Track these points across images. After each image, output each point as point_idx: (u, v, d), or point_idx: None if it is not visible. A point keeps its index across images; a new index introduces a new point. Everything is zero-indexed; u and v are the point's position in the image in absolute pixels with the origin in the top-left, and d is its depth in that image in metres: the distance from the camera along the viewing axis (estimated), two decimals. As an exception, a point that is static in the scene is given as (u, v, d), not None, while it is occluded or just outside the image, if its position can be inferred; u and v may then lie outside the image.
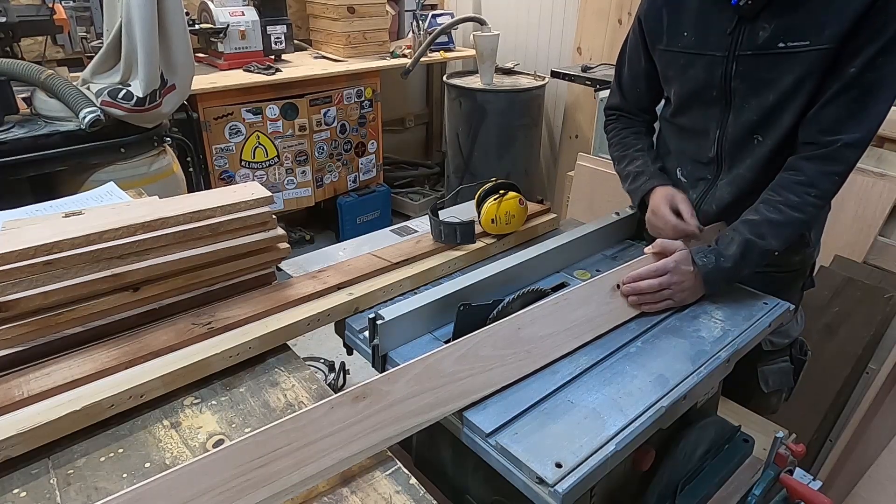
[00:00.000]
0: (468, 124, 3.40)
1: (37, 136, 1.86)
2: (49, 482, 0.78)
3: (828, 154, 1.10)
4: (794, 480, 1.09)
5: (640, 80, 1.41)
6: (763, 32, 1.11)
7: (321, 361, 2.55)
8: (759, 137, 1.20)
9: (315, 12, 3.55)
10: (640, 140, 1.46)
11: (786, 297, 1.23)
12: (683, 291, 1.13)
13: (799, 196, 1.12)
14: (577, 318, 1.06)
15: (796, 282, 1.41)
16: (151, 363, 0.93)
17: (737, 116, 1.21)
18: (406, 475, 0.80)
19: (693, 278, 1.13)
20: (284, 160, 3.15)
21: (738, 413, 1.40)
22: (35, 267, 0.89)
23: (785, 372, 1.48)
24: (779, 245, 1.13)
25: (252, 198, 1.09)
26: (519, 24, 3.79)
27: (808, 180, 1.12)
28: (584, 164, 2.75)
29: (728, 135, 1.24)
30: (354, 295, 1.13)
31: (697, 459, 1.12)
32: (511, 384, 0.92)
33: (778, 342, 1.44)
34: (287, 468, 0.76)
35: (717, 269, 1.13)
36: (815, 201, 1.12)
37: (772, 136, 1.18)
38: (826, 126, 1.10)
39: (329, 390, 0.95)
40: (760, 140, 1.20)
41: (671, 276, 1.12)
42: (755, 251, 1.12)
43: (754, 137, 1.21)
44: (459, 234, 1.31)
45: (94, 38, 2.55)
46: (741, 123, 1.21)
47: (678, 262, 1.13)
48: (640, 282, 1.12)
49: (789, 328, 1.44)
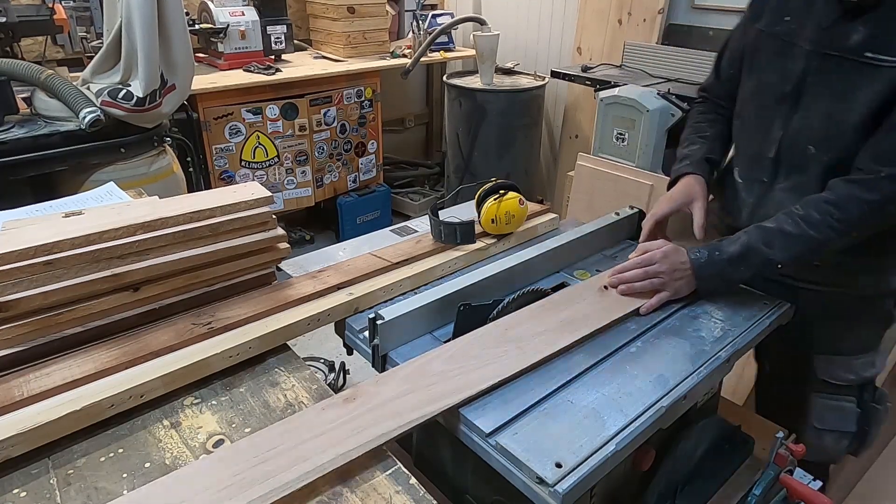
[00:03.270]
0: (468, 124, 3.40)
1: (37, 136, 1.85)
2: (49, 482, 0.78)
3: (867, 181, 1.06)
4: (794, 480, 1.09)
5: (737, 62, 1.31)
6: (856, 36, 1.06)
7: (321, 361, 2.55)
8: (813, 149, 1.14)
9: (315, 12, 3.55)
10: (711, 127, 1.39)
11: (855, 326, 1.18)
12: (676, 281, 1.12)
13: (821, 214, 1.07)
14: (567, 316, 1.07)
15: (870, 311, 1.28)
16: (151, 363, 0.93)
17: (801, 118, 1.16)
18: (406, 475, 0.80)
19: (687, 270, 1.13)
20: (284, 160, 3.15)
21: (738, 413, 1.40)
22: (35, 267, 0.89)
23: (847, 414, 1.31)
24: (785, 259, 1.09)
25: (252, 198, 1.09)
26: (519, 24, 3.79)
27: (836, 201, 1.07)
28: (584, 164, 2.74)
29: (789, 137, 1.18)
30: (354, 295, 1.13)
31: (697, 459, 1.12)
32: (508, 381, 0.92)
33: (840, 375, 1.29)
34: (282, 466, 0.77)
35: (709, 263, 1.12)
36: (836, 224, 1.06)
37: (826, 151, 1.13)
38: (879, 154, 1.05)
39: (329, 390, 0.95)
40: (814, 153, 1.14)
41: (659, 265, 1.12)
42: (757, 257, 1.10)
43: (808, 148, 1.15)
44: (459, 234, 1.31)
45: (94, 38, 2.55)
46: (803, 128, 1.16)
47: (666, 253, 1.13)
48: (625, 273, 1.15)
49: (859, 366, 1.29)
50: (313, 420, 0.84)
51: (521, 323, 1.05)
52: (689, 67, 2.84)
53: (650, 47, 3.02)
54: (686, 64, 2.86)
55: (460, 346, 0.99)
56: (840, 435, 1.32)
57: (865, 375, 1.30)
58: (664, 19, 3.05)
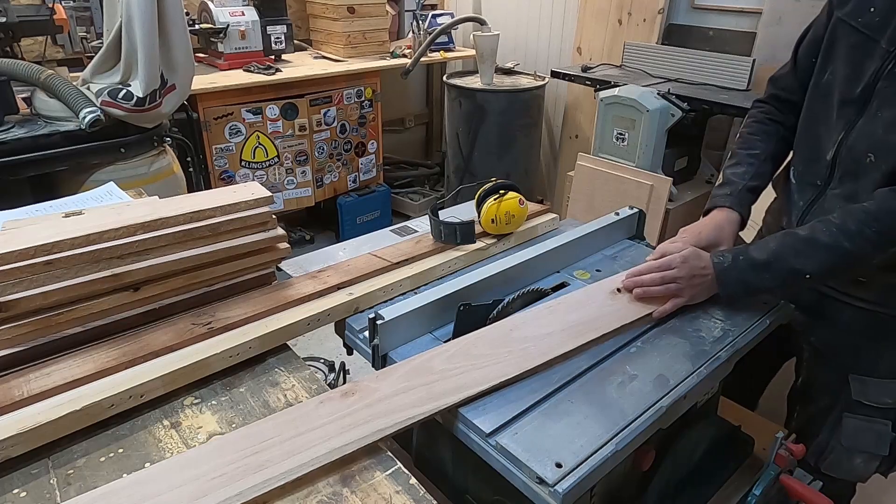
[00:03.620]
0: (468, 124, 3.40)
1: (37, 136, 1.85)
2: (49, 482, 0.78)
3: None
4: (794, 480, 1.09)
5: (815, 51, 1.20)
6: None
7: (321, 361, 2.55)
8: (872, 157, 1.06)
9: (315, 12, 3.55)
10: (765, 142, 1.31)
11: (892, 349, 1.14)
12: (695, 287, 1.09)
13: (857, 225, 1.01)
14: (576, 319, 1.06)
15: None
16: (151, 363, 0.93)
17: (866, 123, 1.07)
18: (406, 475, 0.80)
19: (707, 276, 1.09)
20: (284, 160, 3.15)
21: (738, 413, 1.40)
22: (35, 267, 0.89)
23: (881, 437, 1.23)
24: (815, 270, 1.04)
25: (252, 198, 1.09)
26: (519, 25, 3.79)
27: (876, 212, 1.00)
28: (584, 164, 2.75)
29: (850, 140, 1.10)
30: (354, 295, 1.13)
31: (697, 459, 1.12)
32: (509, 383, 0.92)
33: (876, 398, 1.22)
34: (278, 456, 0.78)
35: (732, 268, 1.07)
36: (873, 236, 1.00)
37: (886, 161, 1.04)
38: None
39: (329, 390, 0.95)
40: (873, 161, 1.06)
41: (678, 270, 1.09)
42: (784, 266, 1.04)
43: (868, 155, 1.07)
44: (459, 234, 1.31)
45: (94, 38, 2.55)
46: (866, 133, 1.07)
47: (686, 258, 1.09)
48: (643, 276, 1.11)
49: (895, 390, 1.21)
50: (310, 413, 0.85)
51: (528, 323, 1.04)
52: (689, 67, 2.84)
53: (650, 47, 3.02)
54: (686, 64, 2.86)
55: (462, 345, 0.98)
56: (871, 457, 1.26)
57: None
58: (664, 19, 3.05)
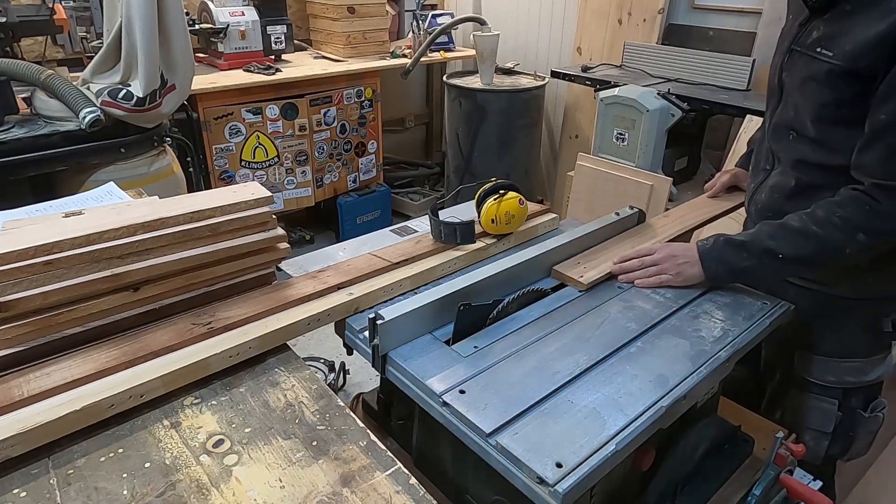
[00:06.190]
0: (468, 124, 3.40)
1: (37, 136, 1.85)
2: (49, 482, 0.78)
3: (867, 188, 1.10)
4: (794, 480, 1.09)
5: None
6: (816, 33, 1.14)
7: (321, 361, 2.55)
8: (794, 133, 1.22)
9: (315, 12, 3.56)
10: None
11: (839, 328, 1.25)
12: (679, 267, 1.19)
13: (825, 213, 1.12)
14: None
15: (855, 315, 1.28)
16: (151, 363, 0.93)
17: (782, 110, 1.25)
18: (406, 475, 0.80)
19: (693, 256, 1.19)
20: (284, 160, 3.15)
21: (738, 413, 1.40)
22: (35, 267, 0.89)
23: (826, 414, 1.32)
24: (787, 251, 1.13)
25: (252, 198, 1.09)
26: (519, 24, 3.79)
27: (841, 201, 1.12)
28: (584, 164, 2.74)
29: (773, 125, 1.28)
30: (354, 295, 1.13)
31: (697, 459, 1.12)
32: (509, 382, 0.92)
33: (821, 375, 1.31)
34: None
35: (714, 248, 1.18)
36: (839, 223, 1.10)
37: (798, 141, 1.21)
38: (868, 170, 1.09)
39: (329, 390, 0.95)
40: (795, 136, 1.22)
41: (656, 255, 1.22)
42: (760, 246, 1.15)
43: (790, 133, 1.23)
44: (459, 234, 1.31)
45: (94, 38, 2.55)
46: (782, 118, 1.25)
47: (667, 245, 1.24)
48: (625, 262, 1.24)
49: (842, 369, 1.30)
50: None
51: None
52: (689, 67, 2.84)
53: (650, 47, 3.02)
54: (686, 64, 2.86)
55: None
56: (819, 434, 1.34)
57: (849, 380, 1.31)
58: (664, 19, 3.05)
